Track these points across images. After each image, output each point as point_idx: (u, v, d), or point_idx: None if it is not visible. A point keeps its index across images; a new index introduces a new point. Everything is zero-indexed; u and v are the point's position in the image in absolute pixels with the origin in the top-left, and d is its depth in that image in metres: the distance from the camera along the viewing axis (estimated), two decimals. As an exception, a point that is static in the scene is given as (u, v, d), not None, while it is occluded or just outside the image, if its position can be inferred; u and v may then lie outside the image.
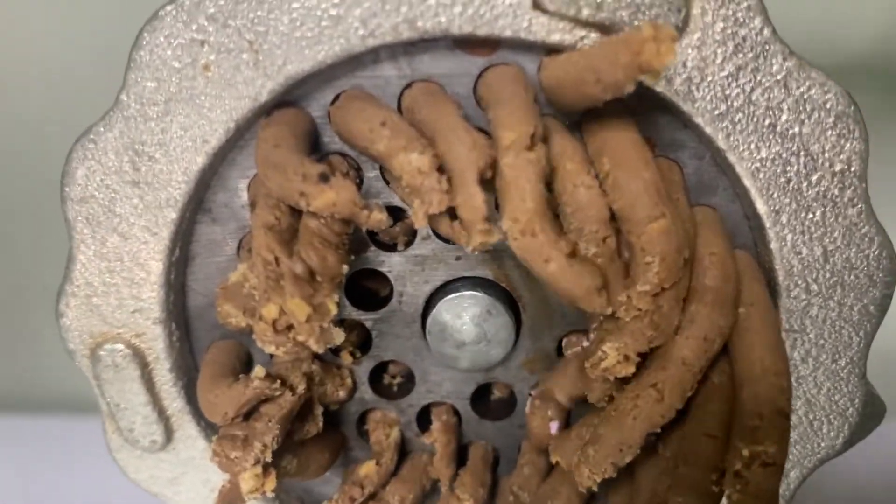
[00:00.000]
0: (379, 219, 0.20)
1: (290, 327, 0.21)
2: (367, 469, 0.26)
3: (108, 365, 0.25)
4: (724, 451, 0.21)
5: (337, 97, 0.22)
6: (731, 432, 0.21)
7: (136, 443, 0.26)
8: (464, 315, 0.24)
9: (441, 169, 0.19)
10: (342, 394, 0.24)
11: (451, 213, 0.20)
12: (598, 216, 0.21)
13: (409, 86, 0.22)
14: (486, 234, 0.19)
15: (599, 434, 0.22)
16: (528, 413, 0.25)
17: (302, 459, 0.24)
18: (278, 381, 0.22)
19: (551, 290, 0.21)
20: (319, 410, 0.23)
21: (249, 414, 0.22)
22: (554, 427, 0.25)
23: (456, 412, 0.26)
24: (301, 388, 0.22)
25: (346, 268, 0.21)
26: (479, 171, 0.19)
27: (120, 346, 0.24)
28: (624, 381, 0.22)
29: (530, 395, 0.26)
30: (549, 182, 0.21)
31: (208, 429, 0.26)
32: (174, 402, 0.25)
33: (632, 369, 0.22)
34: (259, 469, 0.22)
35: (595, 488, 0.23)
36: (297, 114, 0.22)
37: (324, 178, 0.19)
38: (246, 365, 0.25)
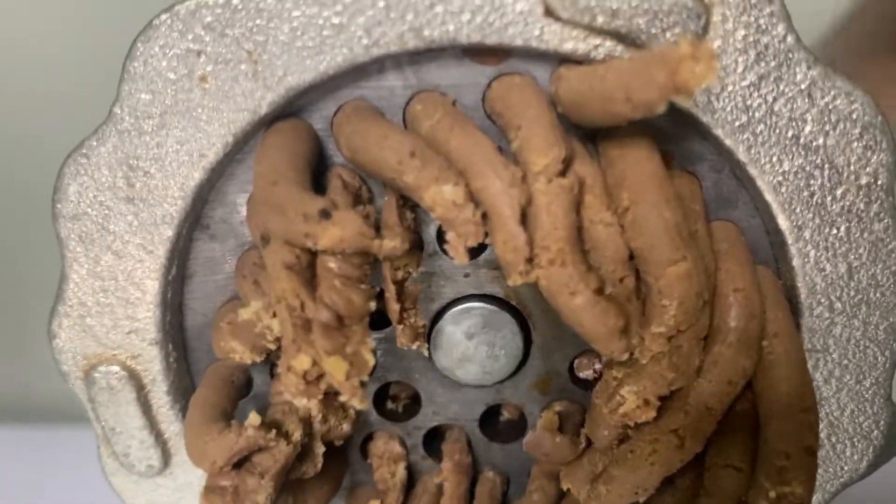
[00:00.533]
0: (392, 246, 0.19)
1: (320, 377, 0.20)
2: None
3: (103, 387, 0.24)
4: (747, 484, 0.21)
5: (339, 108, 0.22)
6: (755, 467, 0.20)
7: (132, 467, 0.25)
8: (469, 327, 0.23)
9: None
10: (346, 427, 0.23)
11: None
12: (615, 256, 0.20)
13: (412, 96, 0.21)
14: (526, 276, 0.18)
15: (613, 475, 0.22)
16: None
17: (299, 498, 0.23)
18: (273, 431, 0.21)
19: (570, 324, 0.20)
20: (320, 450, 0.22)
21: (241, 462, 0.21)
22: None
23: (468, 443, 0.25)
24: (297, 436, 0.21)
25: (373, 304, 0.20)
26: (520, 210, 0.18)
27: (115, 368, 0.23)
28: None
29: (540, 416, 0.25)
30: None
31: (207, 453, 0.25)
32: (171, 425, 0.24)
33: (653, 414, 0.21)
34: None
35: None
36: (298, 129, 0.21)
37: (325, 214, 0.18)
38: (244, 387, 0.24)
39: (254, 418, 0.21)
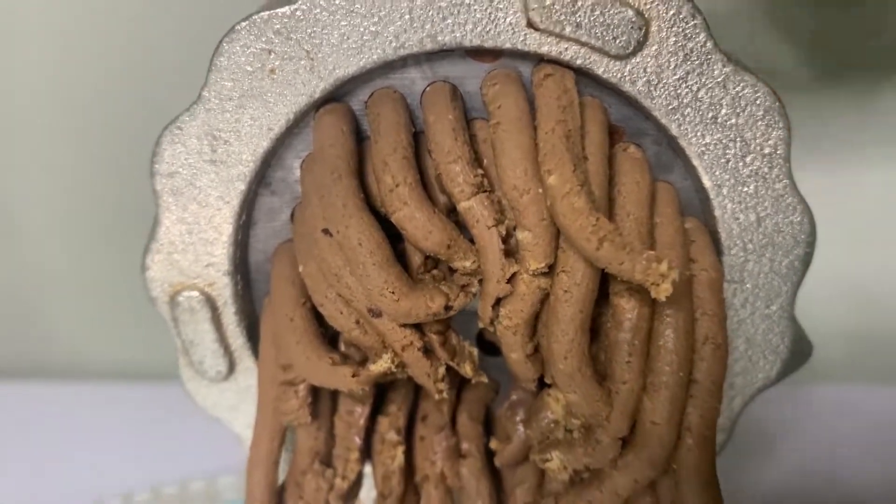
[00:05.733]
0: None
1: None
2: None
3: (185, 309, 0.30)
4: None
5: (372, 94, 0.28)
6: None
7: (204, 374, 0.31)
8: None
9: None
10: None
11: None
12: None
13: (428, 85, 0.28)
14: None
15: None
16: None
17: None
18: None
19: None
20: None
21: None
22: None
23: None
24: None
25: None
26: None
27: (195, 293, 0.30)
28: None
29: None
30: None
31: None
32: (237, 339, 0.31)
33: (566, 477, 0.28)
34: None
35: None
36: (342, 110, 0.27)
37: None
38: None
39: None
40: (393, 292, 0.26)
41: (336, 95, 0.28)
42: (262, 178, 0.29)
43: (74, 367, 0.61)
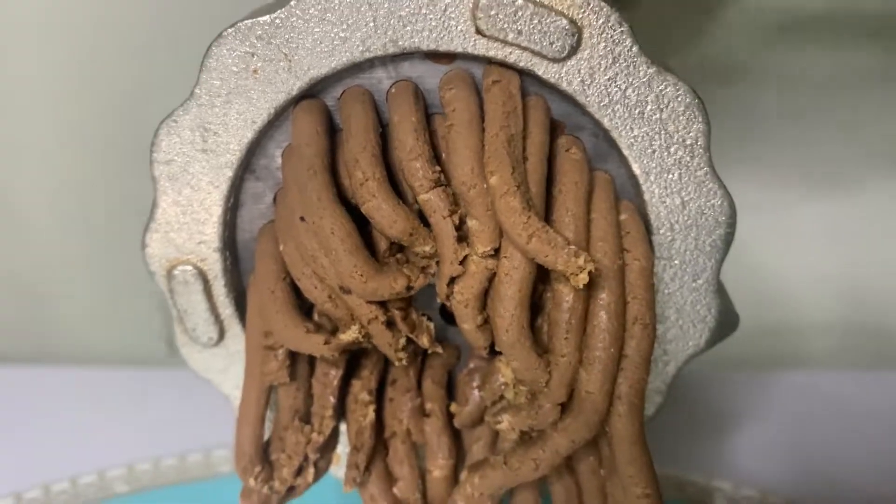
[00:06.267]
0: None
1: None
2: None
3: (180, 281, 0.34)
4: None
5: (343, 91, 0.32)
6: None
7: (197, 340, 0.35)
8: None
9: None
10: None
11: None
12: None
13: (392, 84, 0.32)
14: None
15: (487, 474, 0.32)
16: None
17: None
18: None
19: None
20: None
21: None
22: None
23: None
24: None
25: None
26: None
27: (189, 268, 0.33)
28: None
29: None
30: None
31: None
32: (226, 309, 0.34)
33: (514, 436, 0.32)
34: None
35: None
36: (317, 105, 0.31)
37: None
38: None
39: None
40: (361, 275, 0.29)
41: (311, 92, 0.32)
42: (247, 166, 0.33)
43: (79, 353, 0.65)
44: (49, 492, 0.49)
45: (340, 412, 0.35)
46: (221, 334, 0.35)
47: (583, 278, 0.28)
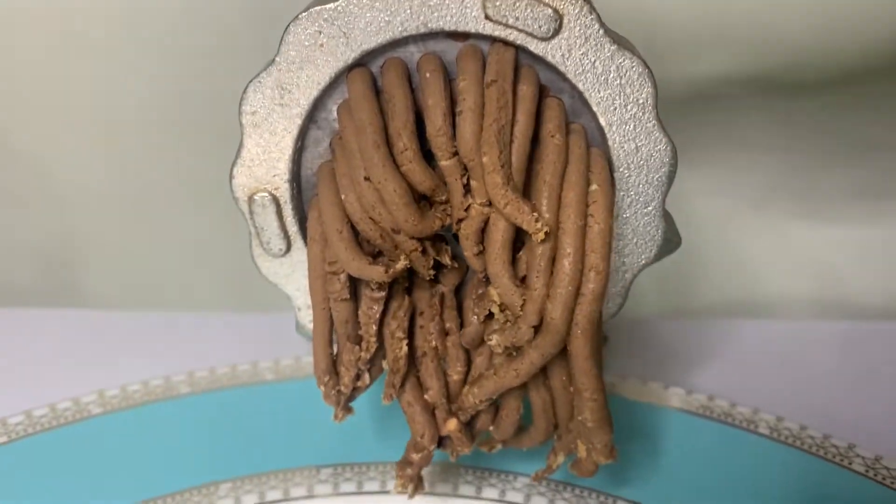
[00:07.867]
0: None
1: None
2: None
3: (259, 205, 0.41)
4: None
5: (385, 61, 0.43)
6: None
7: (269, 251, 0.43)
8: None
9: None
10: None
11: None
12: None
13: (422, 55, 0.42)
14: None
15: (483, 384, 0.41)
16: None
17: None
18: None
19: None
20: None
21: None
22: None
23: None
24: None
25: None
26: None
27: (266, 195, 0.40)
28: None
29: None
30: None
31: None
32: (293, 228, 0.41)
33: (501, 351, 0.39)
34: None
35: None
36: (366, 73, 0.40)
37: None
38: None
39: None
40: (414, 221, 0.40)
41: (362, 62, 0.39)
42: (311, 117, 0.39)
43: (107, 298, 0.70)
44: (103, 396, 0.56)
45: (380, 338, 0.45)
46: (288, 247, 0.43)
47: (540, 236, 0.39)
